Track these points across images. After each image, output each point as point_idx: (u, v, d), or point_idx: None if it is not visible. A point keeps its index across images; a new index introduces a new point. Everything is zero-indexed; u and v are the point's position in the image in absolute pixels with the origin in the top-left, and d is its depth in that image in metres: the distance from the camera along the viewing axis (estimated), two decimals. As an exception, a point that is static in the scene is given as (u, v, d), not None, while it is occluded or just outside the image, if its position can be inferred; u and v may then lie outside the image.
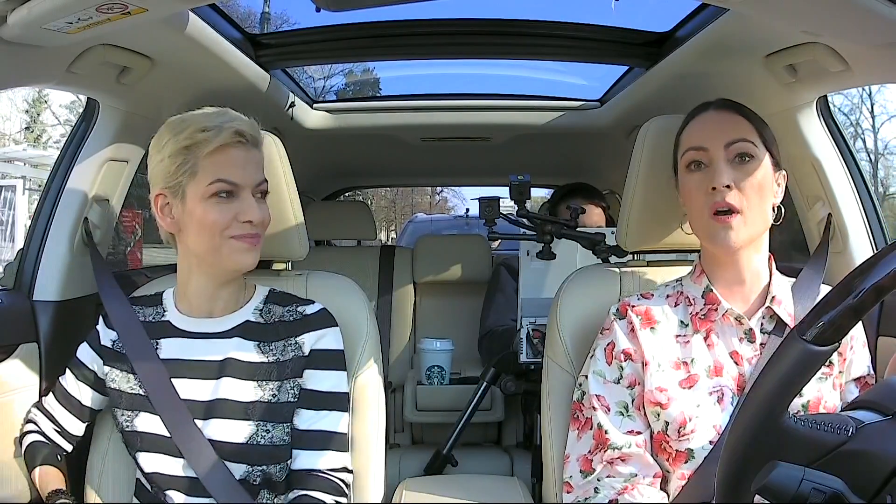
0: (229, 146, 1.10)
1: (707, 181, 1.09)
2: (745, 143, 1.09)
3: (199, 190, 1.10)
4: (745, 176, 1.08)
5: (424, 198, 20.15)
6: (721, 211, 1.07)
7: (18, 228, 8.16)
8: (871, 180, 2.83)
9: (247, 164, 1.12)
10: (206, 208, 1.10)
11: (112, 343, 1.21)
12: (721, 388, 1.08)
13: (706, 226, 1.09)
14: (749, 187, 1.07)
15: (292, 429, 1.16)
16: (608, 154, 2.55)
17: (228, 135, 1.09)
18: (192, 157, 1.10)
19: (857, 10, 0.95)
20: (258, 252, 1.15)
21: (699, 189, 1.10)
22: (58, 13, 1.00)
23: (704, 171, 1.10)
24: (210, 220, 1.10)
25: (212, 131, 1.09)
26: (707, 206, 1.08)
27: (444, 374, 2.07)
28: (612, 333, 1.16)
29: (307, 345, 1.18)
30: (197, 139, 1.09)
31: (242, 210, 1.11)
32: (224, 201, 1.11)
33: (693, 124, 1.15)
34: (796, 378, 0.63)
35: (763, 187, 1.09)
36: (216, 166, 1.10)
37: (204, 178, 1.10)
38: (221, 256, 1.12)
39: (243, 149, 1.12)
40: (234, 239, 1.11)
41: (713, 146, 1.09)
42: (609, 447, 1.10)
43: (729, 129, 1.10)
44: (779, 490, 0.60)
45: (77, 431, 1.25)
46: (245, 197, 1.12)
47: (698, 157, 1.11)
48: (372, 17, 1.74)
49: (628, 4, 1.42)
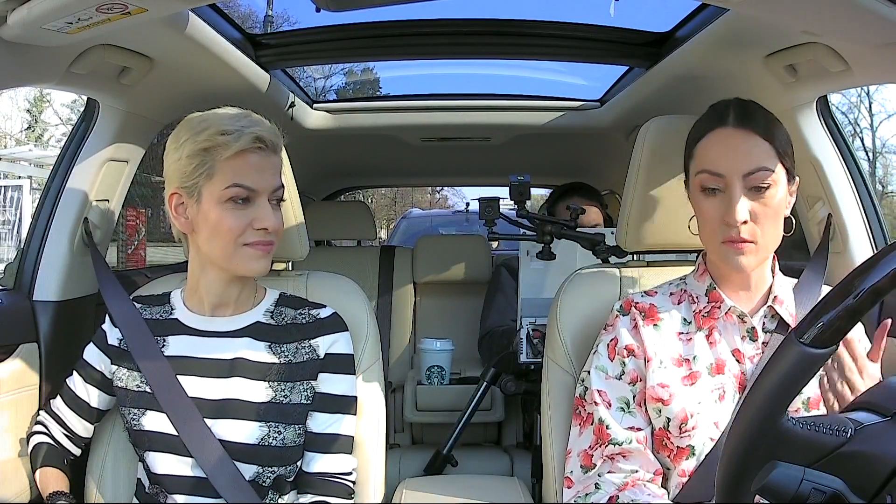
0: (248, 151, 1.09)
1: (722, 209, 1.06)
2: (764, 172, 1.05)
3: (216, 193, 1.10)
4: (762, 206, 1.05)
5: (425, 196, 20.18)
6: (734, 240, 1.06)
7: (25, 228, 8.16)
8: (869, 179, 2.83)
9: (264, 170, 1.11)
10: (221, 213, 1.10)
11: (119, 341, 1.21)
12: (722, 386, 1.09)
13: (719, 250, 1.08)
14: (764, 217, 1.05)
15: (305, 431, 1.17)
16: (608, 154, 2.55)
17: (248, 140, 1.09)
18: (211, 159, 1.09)
19: (857, 10, 0.95)
20: (270, 259, 1.14)
21: (714, 216, 1.07)
22: (58, 13, 1.00)
23: (720, 198, 1.07)
24: (225, 226, 1.10)
25: (232, 135, 1.08)
26: (721, 235, 1.07)
27: (444, 374, 2.07)
28: (616, 329, 1.16)
29: (322, 348, 1.18)
30: (216, 142, 1.08)
31: (258, 217, 1.10)
32: (240, 207, 1.10)
33: (710, 142, 1.09)
34: (794, 381, 0.62)
35: (778, 213, 1.07)
36: (234, 171, 1.09)
37: (221, 181, 1.09)
38: (233, 262, 1.12)
39: (262, 154, 1.11)
40: (247, 246, 1.11)
41: (730, 174, 1.06)
42: (610, 442, 1.10)
43: (749, 156, 1.06)
44: (779, 490, 0.60)
45: (86, 434, 1.26)
46: (261, 203, 1.11)
47: (714, 184, 1.07)
48: (372, 17, 1.74)
49: (628, 4, 1.42)
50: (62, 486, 1.19)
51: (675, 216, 1.25)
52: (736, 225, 1.04)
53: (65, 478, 1.22)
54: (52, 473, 1.21)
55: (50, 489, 1.18)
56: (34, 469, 1.23)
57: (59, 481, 1.20)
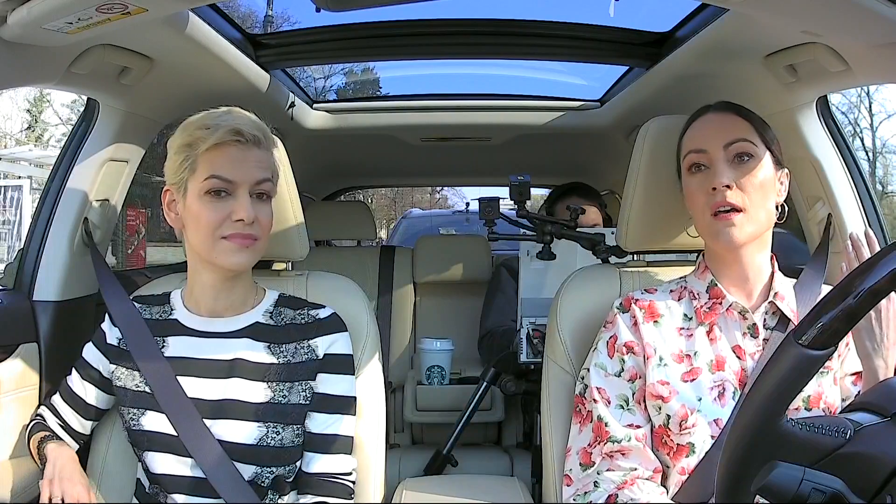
0: (226, 144, 1.11)
1: (707, 182, 1.10)
2: (744, 142, 1.10)
3: (197, 186, 1.11)
4: (746, 175, 1.09)
5: (425, 196, 20.19)
6: (722, 210, 1.08)
7: (25, 228, 8.16)
8: (869, 179, 2.83)
9: (243, 162, 1.12)
10: (200, 206, 1.11)
11: (118, 341, 1.21)
12: (722, 383, 1.09)
13: (708, 225, 1.10)
14: (750, 186, 1.08)
15: (304, 431, 1.17)
16: (608, 154, 2.55)
17: (224, 133, 1.10)
18: (193, 153, 1.11)
19: (857, 9, 0.95)
20: (253, 253, 1.14)
21: (700, 190, 1.11)
22: (58, 13, 1.00)
23: (705, 173, 1.11)
24: (203, 219, 1.11)
25: (210, 129, 1.10)
26: (708, 206, 1.09)
27: (444, 374, 2.07)
28: (615, 326, 1.16)
29: (321, 348, 1.18)
30: (196, 136, 1.11)
31: (234, 209, 1.11)
32: (218, 199, 1.11)
33: (693, 127, 1.16)
34: (793, 383, 0.63)
35: (764, 186, 1.09)
36: (212, 163, 1.11)
37: (201, 174, 1.11)
38: (213, 256, 1.13)
39: (241, 147, 1.12)
40: (224, 239, 1.11)
41: (712, 147, 1.11)
42: (609, 440, 1.11)
43: (728, 130, 1.11)
44: (779, 490, 0.60)
45: (82, 430, 1.26)
46: (240, 195, 1.11)
47: (699, 160, 1.12)
48: (372, 17, 1.74)
49: (628, 5, 1.42)
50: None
51: (675, 216, 1.25)
52: (720, 188, 1.07)
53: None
54: (45, 433, 1.23)
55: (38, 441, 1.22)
56: (28, 440, 1.24)
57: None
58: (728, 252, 1.12)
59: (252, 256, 1.14)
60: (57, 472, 1.15)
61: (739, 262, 1.13)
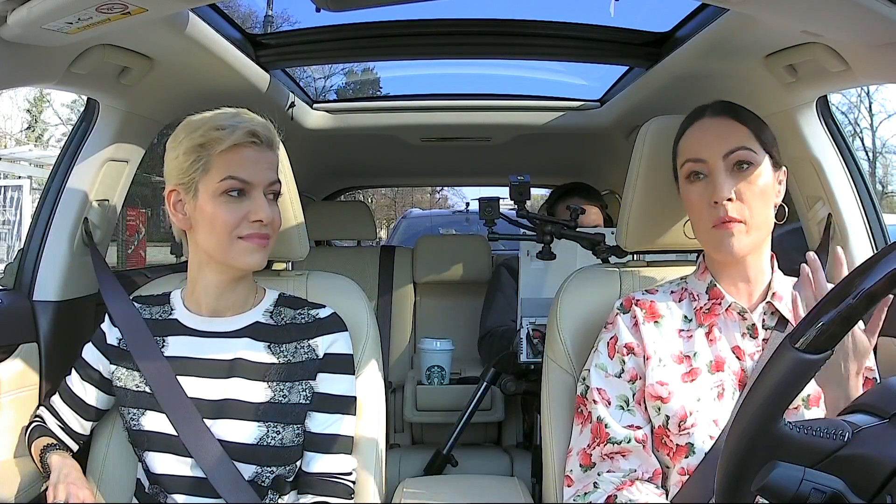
0: (242, 145, 1.11)
1: (708, 194, 1.09)
2: (743, 150, 1.09)
3: (211, 187, 1.11)
4: (746, 184, 1.08)
5: (425, 196, 20.20)
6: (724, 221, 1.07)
7: (25, 228, 8.16)
8: (869, 179, 2.83)
9: (259, 164, 1.13)
10: (216, 206, 1.11)
11: (118, 341, 1.21)
12: (722, 383, 1.09)
13: (709, 236, 1.10)
14: (750, 195, 1.07)
15: (304, 431, 1.17)
16: (608, 154, 2.55)
17: (242, 134, 1.11)
18: (206, 154, 1.11)
19: (857, 9, 0.95)
20: (267, 252, 1.15)
21: (701, 201, 1.10)
22: (58, 13, 1.00)
23: (705, 183, 1.10)
24: (220, 219, 1.11)
25: (226, 130, 1.11)
26: (710, 219, 1.09)
27: (444, 374, 2.07)
28: (616, 327, 1.16)
29: (321, 348, 1.19)
30: (211, 137, 1.11)
31: (253, 209, 1.12)
32: (235, 200, 1.12)
33: (690, 133, 1.15)
34: (790, 387, 0.62)
35: (765, 192, 1.09)
36: (228, 164, 1.11)
37: (216, 175, 1.11)
38: (229, 256, 1.13)
39: (256, 149, 1.13)
40: (242, 239, 1.12)
41: (711, 157, 1.09)
42: (608, 441, 1.11)
43: (726, 138, 1.10)
44: (779, 490, 0.60)
45: (82, 431, 1.26)
46: (256, 196, 1.12)
47: (697, 169, 1.11)
48: (372, 17, 1.74)
49: (628, 4, 1.42)
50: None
51: (675, 216, 1.25)
52: (721, 202, 1.07)
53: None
54: (47, 441, 1.23)
55: (41, 448, 1.21)
56: (29, 445, 1.24)
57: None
58: (729, 261, 1.12)
59: (266, 256, 1.15)
60: (62, 477, 1.15)
61: (740, 264, 1.13)
